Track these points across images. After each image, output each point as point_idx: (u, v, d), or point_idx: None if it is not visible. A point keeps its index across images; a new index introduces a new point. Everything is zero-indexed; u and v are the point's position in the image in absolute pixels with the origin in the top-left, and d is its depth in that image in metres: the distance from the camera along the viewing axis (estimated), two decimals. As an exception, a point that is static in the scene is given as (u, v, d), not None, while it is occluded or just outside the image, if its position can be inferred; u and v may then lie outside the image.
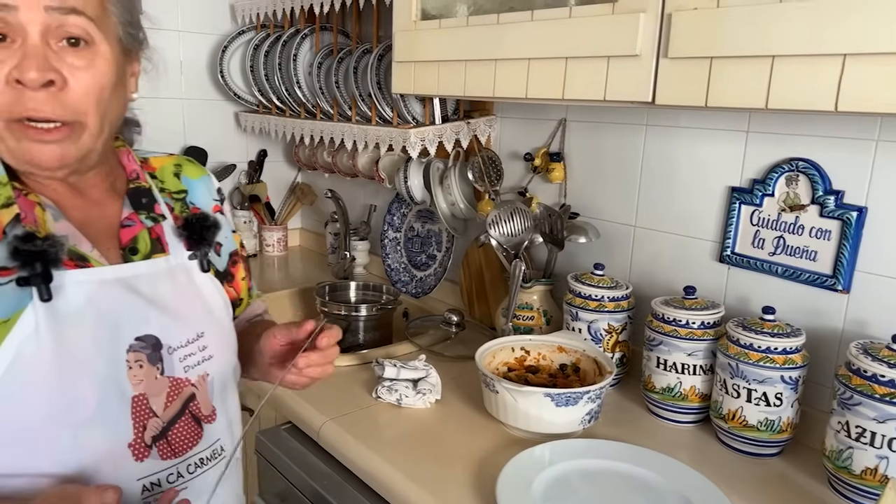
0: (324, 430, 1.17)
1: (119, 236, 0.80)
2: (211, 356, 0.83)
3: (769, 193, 1.18)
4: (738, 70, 0.85)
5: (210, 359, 0.83)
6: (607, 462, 1.04)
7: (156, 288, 0.79)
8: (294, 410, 1.24)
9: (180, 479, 0.78)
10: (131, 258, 0.79)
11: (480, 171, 1.61)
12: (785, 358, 1.06)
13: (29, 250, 0.66)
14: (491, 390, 1.14)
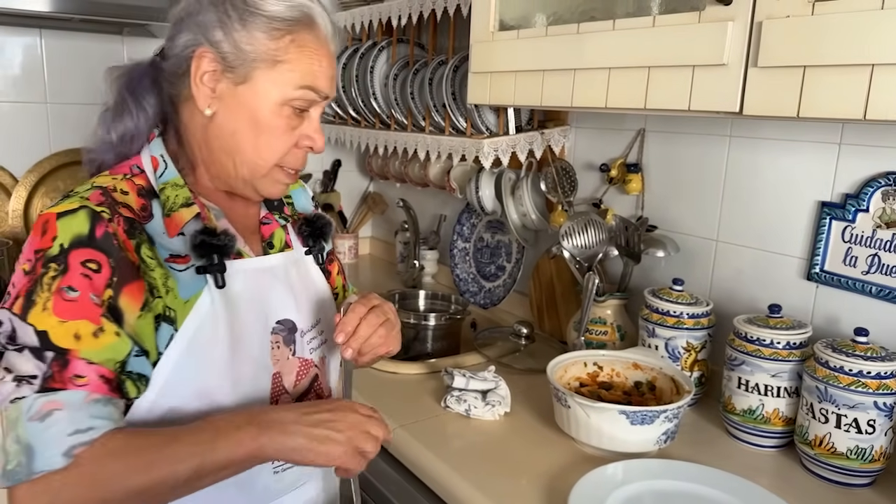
0: (393, 436, 1.18)
1: (260, 232, 0.92)
2: (326, 340, 0.95)
3: (863, 209, 1.12)
4: (833, 79, 0.81)
5: (325, 343, 0.95)
6: (683, 484, 1.00)
7: (289, 277, 0.90)
8: (365, 415, 1.26)
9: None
10: (269, 251, 0.90)
11: (553, 182, 1.59)
12: (879, 383, 1.00)
13: (212, 243, 0.78)
14: (563, 405, 1.12)
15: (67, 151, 1.92)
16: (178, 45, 0.79)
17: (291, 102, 0.80)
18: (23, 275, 0.71)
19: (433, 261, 2.12)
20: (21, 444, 0.65)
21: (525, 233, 1.76)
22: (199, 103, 0.79)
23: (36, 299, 0.69)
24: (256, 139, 0.80)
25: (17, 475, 0.65)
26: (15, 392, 0.67)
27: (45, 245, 0.71)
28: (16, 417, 0.66)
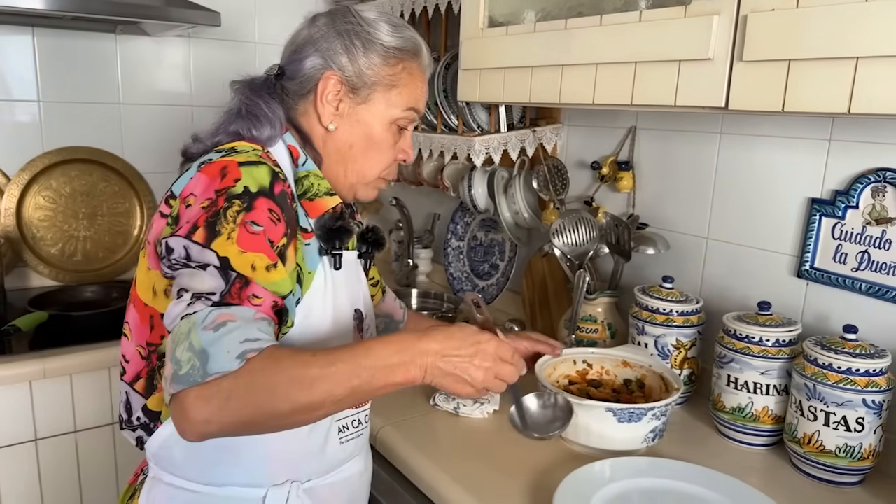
0: (381, 434, 1.17)
1: None
2: (372, 334, 1.05)
3: (853, 205, 1.11)
4: (818, 73, 0.81)
5: (369, 335, 1.04)
6: (671, 482, 0.99)
7: (358, 273, 1.02)
8: (353, 413, 1.25)
9: (360, 426, 0.97)
10: (348, 247, 0.99)
11: (545, 180, 1.59)
12: (868, 380, 0.99)
13: (346, 229, 0.90)
14: (550, 402, 1.11)
15: (60, 150, 1.92)
16: (304, 67, 0.90)
17: (398, 121, 0.93)
18: (199, 209, 0.76)
19: (427, 259, 2.12)
20: (194, 350, 0.69)
21: (518, 231, 1.75)
22: (323, 119, 0.90)
23: (220, 229, 0.74)
24: (367, 152, 0.92)
25: (190, 377, 0.68)
26: (187, 309, 0.71)
27: (227, 184, 0.77)
28: (188, 329, 0.70)
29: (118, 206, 2.01)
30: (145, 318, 0.85)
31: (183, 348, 0.69)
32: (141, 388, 0.87)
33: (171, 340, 0.71)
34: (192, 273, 0.74)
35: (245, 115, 0.88)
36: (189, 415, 0.68)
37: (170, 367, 0.70)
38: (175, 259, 0.76)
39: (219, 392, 0.68)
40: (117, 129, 2.00)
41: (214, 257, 0.73)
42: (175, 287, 0.75)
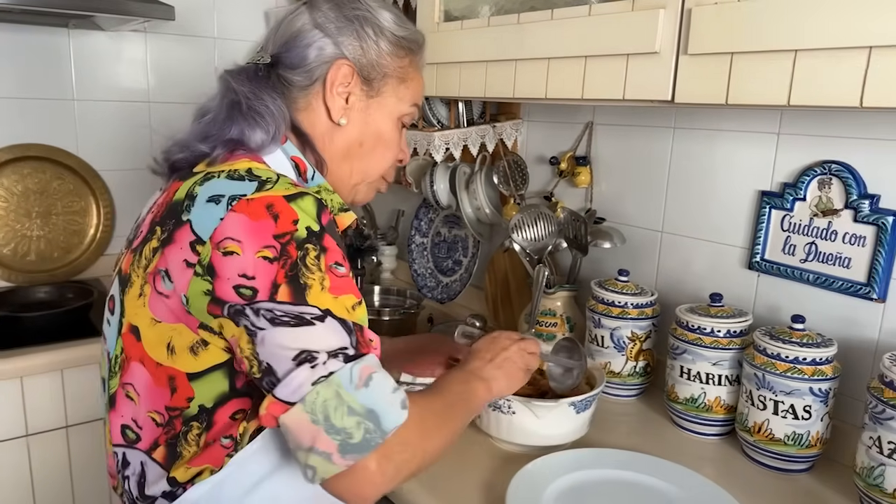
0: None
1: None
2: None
3: (801, 198, 1.13)
4: (759, 66, 0.82)
5: None
6: (624, 473, 1.00)
7: None
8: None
9: None
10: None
11: (505, 176, 1.59)
12: (814, 369, 1.01)
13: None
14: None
15: (11, 147, 1.86)
16: (310, 54, 0.81)
17: (403, 118, 0.89)
18: (267, 263, 0.66)
19: (391, 256, 2.11)
20: (359, 413, 0.65)
21: (480, 227, 1.75)
22: (333, 114, 0.83)
23: (309, 282, 0.67)
24: (376, 149, 0.87)
25: (370, 442, 0.65)
26: (318, 371, 0.65)
27: (288, 229, 0.67)
28: (334, 393, 0.64)
29: (73, 205, 1.96)
30: (161, 380, 0.73)
31: (341, 414, 0.63)
32: (161, 457, 0.75)
33: (306, 412, 0.64)
34: (310, 330, 0.65)
35: (246, 112, 0.78)
36: (376, 480, 0.65)
37: (330, 440, 0.63)
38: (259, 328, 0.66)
39: (402, 448, 0.67)
40: (71, 125, 1.95)
41: (315, 311, 0.66)
42: (292, 344, 0.65)
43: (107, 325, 0.82)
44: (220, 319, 0.68)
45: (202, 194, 0.71)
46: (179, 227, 0.70)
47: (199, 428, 0.73)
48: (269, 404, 0.66)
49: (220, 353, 0.71)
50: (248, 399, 0.73)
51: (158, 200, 0.80)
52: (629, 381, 1.29)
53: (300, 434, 0.64)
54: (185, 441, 0.73)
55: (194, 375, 0.71)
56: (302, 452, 0.65)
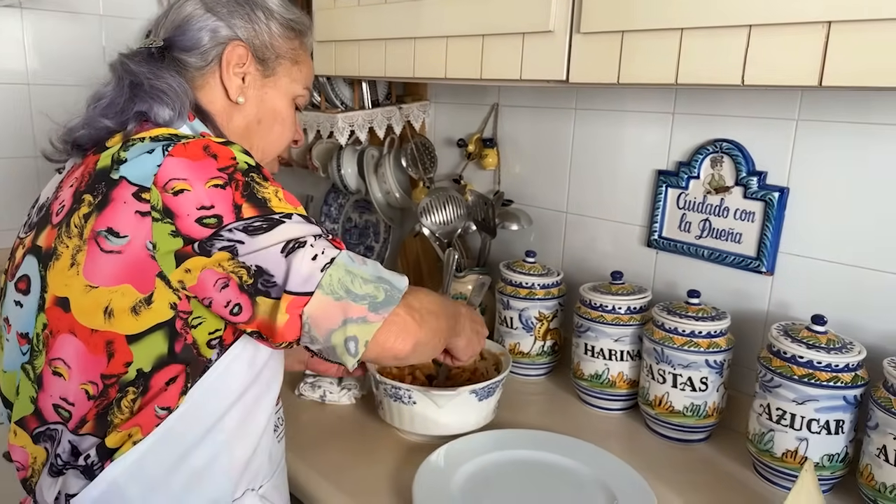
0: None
1: None
2: None
3: (695, 176, 1.16)
4: (648, 44, 0.82)
5: None
6: (530, 452, 1.01)
7: None
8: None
9: (283, 422, 0.91)
10: None
11: (414, 158, 1.56)
12: (709, 342, 1.04)
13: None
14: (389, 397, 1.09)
15: None
16: (203, 37, 0.83)
17: (297, 99, 0.92)
18: (220, 189, 0.69)
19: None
20: (372, 281, 0.70)
21: (390, 211, 1.72)
22: (231, 93, 0.85)
23: (266, 195, 0.70)
24: (274, 127, 0.90)
25: (392, 297, 0.71)
26: (321, 260, 0.68)
27: (228, 163, 0.71)
28: (344, 271, 0.69)
29: (-56, 197, 1.79)
30: (96, 347, 0.71)
31: (359, 284, 0.69)
32: (91, 429, 0.74)
33: (327, 294, 0.68)
34: (277, 229, 0.68)
35: (149, 90, 0.78)
36: (410, 324, 0.73)
37: (359, 306, 0.69)
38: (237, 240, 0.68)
39: (419, 302, 0.76)
40: (-62, 110, 1.77)
41: (282, 214, 0.70)
42: (256, 250, 0.67)
43: (14, 307, 0.78)
44: (189, 261, 0.68)
45: (131, 154, 0.71)
46: (114, 186, 0.70)
47: (134, 393, 0.72)
48: (288, 304, 0.67)
49: (163, 312, 0.70)
50: (183, 366, 0.73)
51: (75, 174, 0.78)
52: (538, 360, 1.30)
53: (330, 316, 0.68)
54: (118, 408, 0.73)
55: (134, 337, 0.71)
56: (337, 333, 0.69)
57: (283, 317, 0.67)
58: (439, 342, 0.83)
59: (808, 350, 0.92)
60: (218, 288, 0.68)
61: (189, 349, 0.72)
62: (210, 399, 0.75)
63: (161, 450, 0.73)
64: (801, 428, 0.93)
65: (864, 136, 0.97)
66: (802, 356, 0.92)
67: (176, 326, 0.71)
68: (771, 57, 0.72)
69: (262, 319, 0.68)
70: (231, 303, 0.68)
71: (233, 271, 0.68)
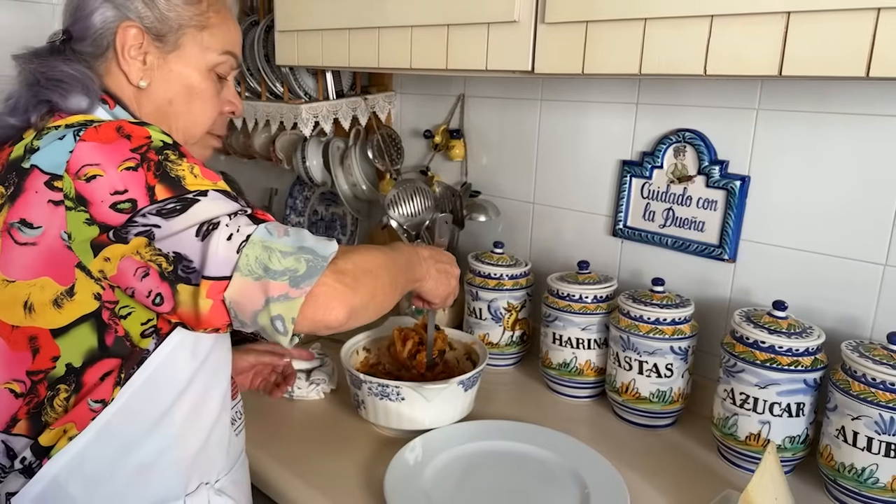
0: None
1: None
2: None
3: (658, 165, 1.17)
4: (612, 35, 0.83)
5: None
6: (499, 443, 1.01)
7: None
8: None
9: (242, 416, 0.89)
10: None
11: (380, 150, 1.55)
12: (674, 328, 1.06)
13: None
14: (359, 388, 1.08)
15: None
16: (94, 23, 0.78)
17: (217, 68, 0.84)
18: (132, 172, 0.66)
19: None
20: (292, 252, 0.66)
21: (357, 204, 1.70)
22: (131, 77, 0.80)
23: (180, 173, 0.67)
24: (191, 105, 0.83)
25: (316, 266, 0.66)
26: (235, 241, 0.65)
27: (142, 142, 0.68)
28: (261, 248, 0.65)
29: None
30: (19, 343, 0.69)
31: (277, 259, 0.65)
32: (24, 430, 0.71)
33: (245, 275, 0.64)
34: (192, 210, 0.65)
35: (45, 83, 0.75)
36: (338, 291, 0.67)
37: (279, 283, 0.64)
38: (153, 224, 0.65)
39: (352, 264, 0.70)
40: None
41: (196, 192, 0.67)
42: (172, 235, 0.64)
43: None
44: (106, 250, 0.66)
45: (43, 142, 0.69)
46: (26, 175, 0.68)
47: (66, 391, 0.70)
48: (208, 289, 0.64)
49: (88, 303, 0.68)
50: (119, 360, 0.70)
51: None
52: (507, 350, 1.31)
53: (251, 297, 0.65)
54: (51, 407, 0.70)
55: (59, 331, 0.68)
56: (261, 314, 0.65)
57: (205, 303, 0.64)
58: (386, 299, 0.76)
59: (769, 335, 0.94)
60: (139, 277, 0.65)
61: (122, 341, 0.70)
62: (153, 391, 0.72)
63: (101, 445, 0.71)
64: (764, 411, 0.95)
65: (823, 125, 0.99)
66: (764, 341, 0.94)
67: (103, 317, 0.69)
68: (733, 47, 0.73)
69: (185, 309, 0.65)
70: (152, 292, 0.66)
71: (151, 259, 0.65)
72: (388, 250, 0.81)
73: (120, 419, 0.71)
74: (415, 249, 0.91)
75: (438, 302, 0.96)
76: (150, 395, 0.72)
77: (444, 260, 0.95)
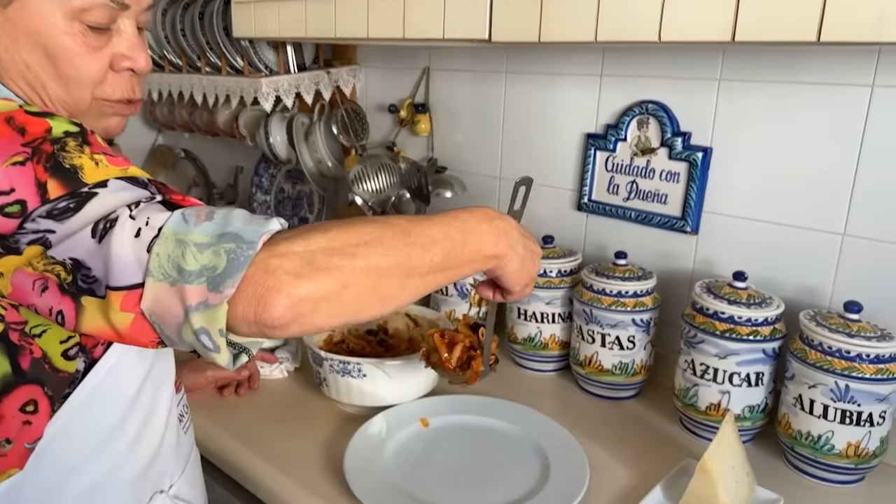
0: (166, 407, 1.08)
1: None
2: None
3: (622, 138, 1.16)
4: (567, 2, 0.81)
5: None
6: (464, 417, 1.01)
7: None
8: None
9: (188, 410, 0.82)
10: None
11: (345, 125, 1.52)
12: (636, 301, 1.06)
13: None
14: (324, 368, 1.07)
15: None
16: None
17: (83, 17, 0.64)
18: (20, 167, 0.53)
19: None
20: (210, 242, 0.51)
21: (323, 181, 1.68)
22: None
23: (77, 163, 0.54)
24: (57, 69, 0.65)
25: (239, 257, 0.51)
26: (143, 239, 0.52)
27: (38, 134, 0.55)
28: (173, 242, 0.52)
29: None
30: None
31: (192, 255, 0.51)
32: None
33: (158, 281, 0.51)
34: (88, 206, 0.53)
35: None
36: (277, 281, 0.50)
37: (196, 287, 0.51)
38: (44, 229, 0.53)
39: (302, 242, 0.53)
40: None
41: (94, 184, 0.54)
42: (66, 239, 0.52)
43: None
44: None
45: None
46: None
47: None
48: (121, 301, 0.52)
49: None
50: (39, 387, 0.60)
51: None
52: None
53: (170, 308, 0.52)
54: None
55: None
56: (185, 328, 0.52)
57: (122, 318, 0.53)
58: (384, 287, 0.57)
59: (729, 306, 0.95)
60: (37, 292, 0.54)
61: (40, 364, 0.59)
62: (98, 411, 0.65)
63: (40, 472, 0.63)
64: (724, 381, 0.96)
65: (788, 95, 0.99)
66: (724, 312, 0.95)
67: (12, 339, 0.58)
68: (685, 13, 0.72)
69: (97, 325, 0.54)
70: (53, 309, 0.54)
71: (46, 269, 0.53)
72: (415, 222, 0.61)
73: (61, 443, 0.63)
74: (487, 217, 0.67)
75: (517, 291, 0.74)
76: (97, 414, 0.65)
77: (529, 237, 0.75)
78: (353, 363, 1.00)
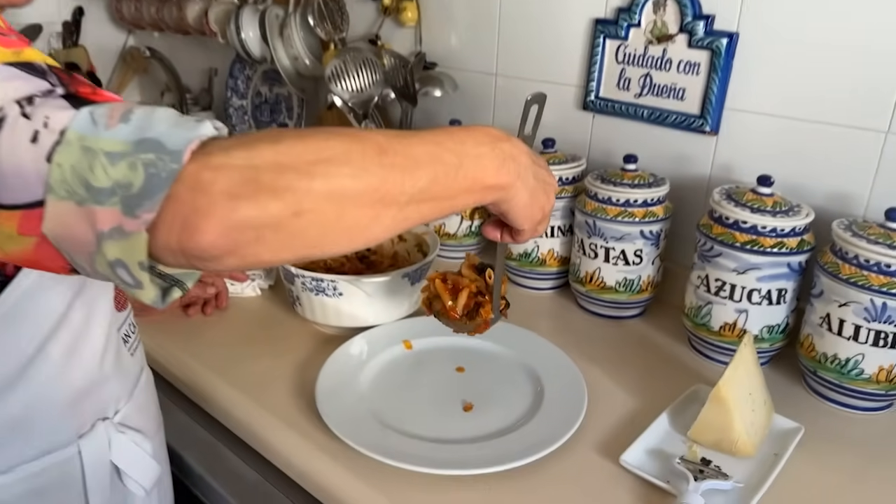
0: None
1: None
2: None
3: (635, 23, 1.01)
4: None
5: None
6: (447, 339, 0.91)
7: None
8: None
9: (135, 330, 0.74)
10: None
11: (321, 15, 1.35)
12: (645, 211, 0.94)
13: None
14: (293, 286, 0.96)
15: None
16: None
17: None
18: None
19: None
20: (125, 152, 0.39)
21: (301, 81, 1.52)
22: None
23: None
24: None
25: (161, 172, 0.39)
26: (42, 145, 0.40)
27: None
28: (78, 150, 0.40)
29: None
30: None
31: (101, 168, 0.40)
32: None
33: (62, 198, 0.40)
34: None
35: None
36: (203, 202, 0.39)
37: (107, 210, 0.39)
38: None
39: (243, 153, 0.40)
40: None
41: None
42: None
43: None
44: None
45: None
46: None
47: None
48: (18, 222, 0.42)
49: None
50: None
51: None
52: (465, 241, 1.19)
53: (78, 233, 0.41)
54: None
55: None
56: (99, 259, 0.42)
57: (21, 242, 0.42)
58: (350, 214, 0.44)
59: (752, 214, 0.83)
60: None
61: None
62: (15, 329, 0.58)
63: None
64: (741, 299, 0.86)
65: (828, -35, 0.83)
66: (746, 221, 0.83)
67: None
68: None
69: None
70: None
71: None
72: (394, 138, 0.47)
73: None
74: (490, 138, 0.53)
75: (528, 230, 0.61)
76: (19, 335, 0.57)
77: (542, 164, 0.60)
78: (328, 280, 0.89)
